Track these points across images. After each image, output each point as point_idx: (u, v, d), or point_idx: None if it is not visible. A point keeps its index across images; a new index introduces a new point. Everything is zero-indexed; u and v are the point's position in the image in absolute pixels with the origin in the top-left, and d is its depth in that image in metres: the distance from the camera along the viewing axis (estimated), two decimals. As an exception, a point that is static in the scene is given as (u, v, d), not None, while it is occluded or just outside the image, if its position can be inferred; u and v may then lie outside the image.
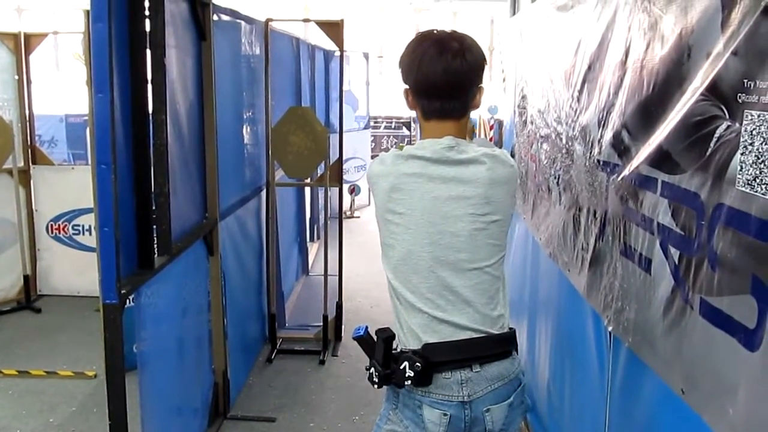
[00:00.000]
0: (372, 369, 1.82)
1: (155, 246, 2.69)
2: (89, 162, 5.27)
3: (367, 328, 1.85)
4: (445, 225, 1.78)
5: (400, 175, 1.80)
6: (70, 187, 5.73)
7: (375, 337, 1.83)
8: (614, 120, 2.01)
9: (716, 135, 1.34)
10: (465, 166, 1.79)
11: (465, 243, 1.78)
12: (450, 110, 1.83)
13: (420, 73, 1.81)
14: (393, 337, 1.81)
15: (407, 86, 1.87)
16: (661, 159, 1.64)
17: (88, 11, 2.25)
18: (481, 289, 1.80)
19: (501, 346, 1.83)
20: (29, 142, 5.78)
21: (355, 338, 1.85)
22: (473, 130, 2.40)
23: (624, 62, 1.95)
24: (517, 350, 1.90)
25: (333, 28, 4.71)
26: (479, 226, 1.78)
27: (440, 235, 1.78)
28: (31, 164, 5.77)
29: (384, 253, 1.87)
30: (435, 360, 1.76)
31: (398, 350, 1.82)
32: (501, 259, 1.86)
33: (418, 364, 1.74)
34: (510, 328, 1.88)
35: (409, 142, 12.17)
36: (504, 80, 4.81)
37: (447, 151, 1.79)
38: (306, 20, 5.27)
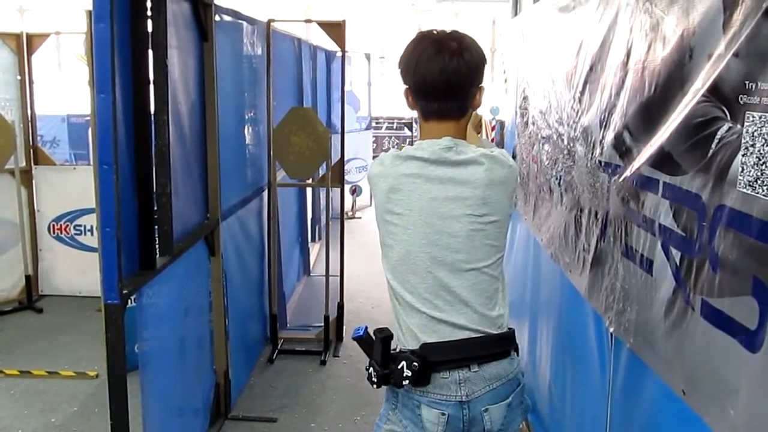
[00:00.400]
0: (371, 369, 1.82)
1: (157, 246, 2.69)
2: (91, 162, 5.28)
3: (366, 328, 1.86)
4: (443, 225, 1.78)
5: (399, 175, 1.80)
6: (72, 188, 5.74)
7: (374, 337, 1.83)
8: (616, 121, 2.01)
9: (717, 136, 1.34)
10: (463, 166, 1.78)
11: (462, 243, 1.78)
12: (448, 110, 1.82)
13: (418, 73, 1.80)
14: (391, 336, 1.81)
15: (407, 86, 1.86)
16: (663, 160, 1.64)
17: (90, 11, 2.26)
18: (479, 290, 1.80)
19: (499, 345, 1.83)
20: (31, 143, 5.79)
21: (354, 338, 1.86)
22: (482, 123, 2.38)
23: (625, 63, 1.95)
24: (517, 351, 1.89)
25: (335, 29, 4.71)
26: (477, 226, 1.78)
27: (438, 235, 1.78)
28: (33, 164, 5.77)
29: (383, 253, 1.88)
30: (432, 360, 1.76)
31: (397, 350, 1.82)
32: (499, 260, 1.85)
33: (415, 363, 1.74)
34: (509, 329, 1.88)
35: (411, 143, 12.18)
36: (506, 81, 4.81)
37: (445, 152, 1.78)
38: (308, 21, 5.27)
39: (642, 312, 1.78)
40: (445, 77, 1.78)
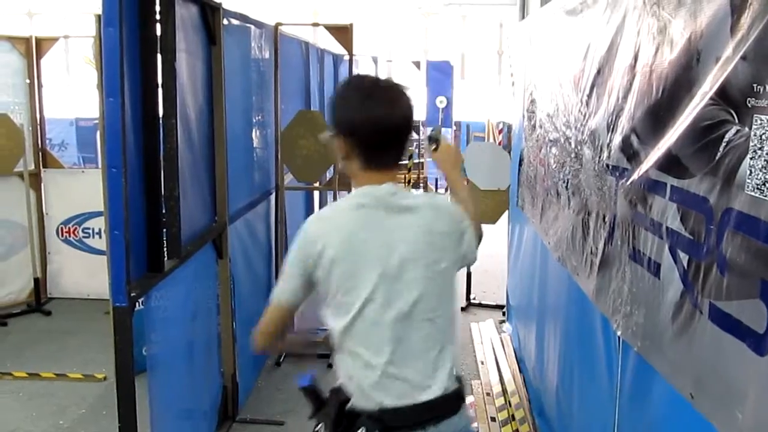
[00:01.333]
0: (319, 427, 1.75)
1: (165, 249, 2.70)
2: (99, 165, 5.30)
3: (313, 377, 1.78)
4: (398, 274, 1.70)
5: (345, 228, 1.72)
6: (80, 191, 5.76)
7: (323, 391, 1.76)
8: (623, 124, 2.01)
9: (725, 139, 1.34)
10: (409, 213, 1.74)
11: (417, 292, 1.71)
12: (393, 158, 1.78)
13: (367, 122, 1.71)
14: (348, 400, 1.72)
15: (342, 135, 1.74)
16: (670, 163, 1.64)
17: (99, 16, 2.27)
18: (434, 340, 1.74)
19: (454, 402, 1.76)
20: (40, 146, 5.82)
21: (301, 389, 1.78)
22: (461, 158, 2.27)
23: (633, 66, 1.95)
24: (465, 399, 1.83)
25: (342, 33, 4.72)
26: (429, 274, 1.73)
27: (393, 285, 1.70)
28: (41, 167, 5.80)
29: (333, 310, 1.75)
30: (391, 425, 1.69)
31: (350, 406, 1.73)
32: (451, 306, 1.82)
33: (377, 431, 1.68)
34: (456, 375, 1.80)
35: (417, 147, 12.16)
36: (513, 84, 4.81)
37: (390, 197, 1.73)
38: (315, 24, 5.29)
39: (649, 315, 1.78)
40: (395, 125, 1.74)
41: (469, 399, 4.03)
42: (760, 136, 1.20)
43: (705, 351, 1.44)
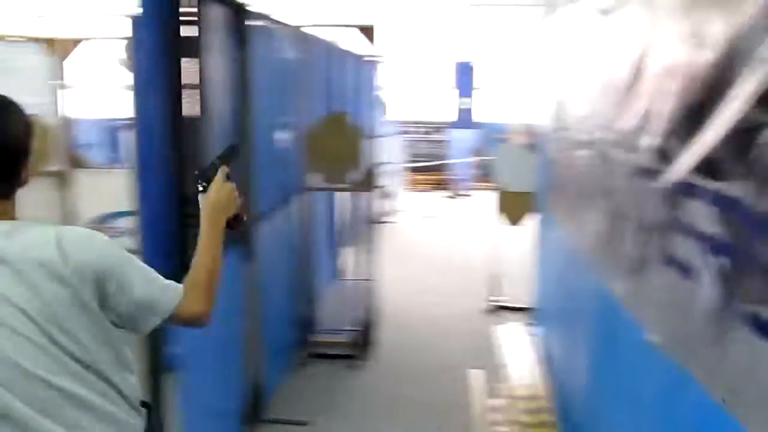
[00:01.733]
0: None
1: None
2: (127, 165, 5.35)
3: None
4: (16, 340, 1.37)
5: None
6: (108, 190, 5.81)
7: None
8: (657, 126, 1.99)
9: (765, 142, 1.32)
10: (28, 257, 1.39)
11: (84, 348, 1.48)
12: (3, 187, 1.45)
13: None
14: None
15: None
16: (707, 166, 1.62)
17: (132, 17, 2.30)
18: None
19: None
20: (67, 146, 5.88)
21: None
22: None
23: (668, 67, 1.93)
24: None
25: (366, 33, 4.74)
26: (62, 331, 1.43)
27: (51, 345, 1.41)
28: (69, 168, 5.86)
29: None
30: None
31: None
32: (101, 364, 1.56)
33: None
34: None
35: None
36: (539, 85, 4.79)
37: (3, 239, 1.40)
38: (338, 26, 5.30)
39: (684, 320, 1.76)
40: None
41: (493, 402, 4.02)
42: (803, 139, 1.19)
43: (740, 357, 1.42)
